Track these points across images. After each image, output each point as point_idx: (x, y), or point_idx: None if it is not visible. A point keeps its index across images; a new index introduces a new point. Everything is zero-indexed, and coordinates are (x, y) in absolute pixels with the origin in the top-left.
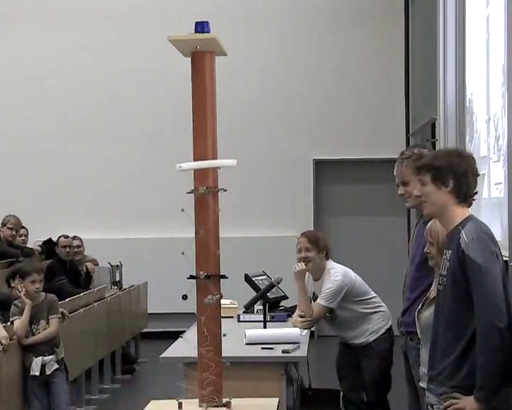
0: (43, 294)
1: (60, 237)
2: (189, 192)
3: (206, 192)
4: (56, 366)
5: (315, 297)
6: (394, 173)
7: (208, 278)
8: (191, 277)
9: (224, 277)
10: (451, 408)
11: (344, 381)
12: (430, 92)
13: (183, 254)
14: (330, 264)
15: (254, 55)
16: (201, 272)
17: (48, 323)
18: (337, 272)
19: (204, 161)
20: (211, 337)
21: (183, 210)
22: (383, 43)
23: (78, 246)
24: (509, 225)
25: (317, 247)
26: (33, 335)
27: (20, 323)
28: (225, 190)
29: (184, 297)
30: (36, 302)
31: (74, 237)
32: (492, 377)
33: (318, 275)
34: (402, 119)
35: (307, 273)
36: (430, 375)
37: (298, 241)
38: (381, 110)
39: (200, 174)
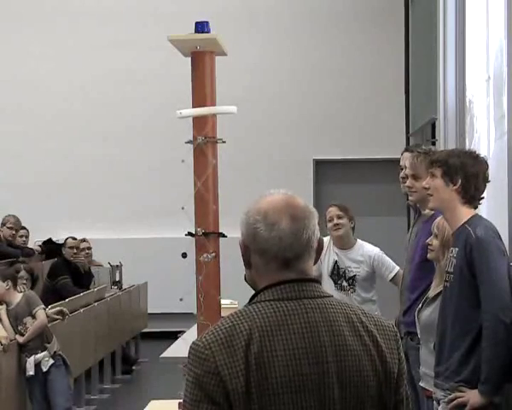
0: (20, 295)
1: (68, 238)
2: (188, 142)
3: (204, 142)
4: (52, 361)
5: (337, 266)
6: (405, 164)
7: (206, 236)
8: (189, 234)
9: (223, 235)
10: (456, 402)
11: None
12: (430, 92)
13: (183, 209)
14: (360, 241)
15: (254, 55)
16: (199, 229)
17: (34, 318)
18: (373, 246)
19: (204, 108)
20: (207, 301)
21: (183, 161)
22: (383, 43)
23: (89, 248)
24: (509, 225)
25: (347, 214)
26: (23, 335)
27: (3, 330)
28: (224, 142)
29: (184, 255)
30: (11, 306)
31: (83, 240)
32: (497, 372)
33: (347, 244)
34: (402, 119)
35: (328, 241)
36: (437, 370)
37: (327, 211)
38: (381, 110)
39: (198, 123)
